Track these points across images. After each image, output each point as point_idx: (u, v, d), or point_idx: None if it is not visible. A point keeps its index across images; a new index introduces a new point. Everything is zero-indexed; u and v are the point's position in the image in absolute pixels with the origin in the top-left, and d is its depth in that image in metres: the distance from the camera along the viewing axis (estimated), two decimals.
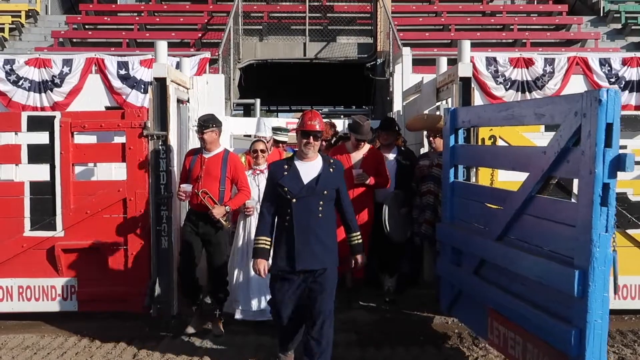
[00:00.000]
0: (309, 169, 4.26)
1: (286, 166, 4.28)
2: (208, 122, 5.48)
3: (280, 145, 6.84)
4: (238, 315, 5.68)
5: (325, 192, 4.21)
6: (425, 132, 6.66)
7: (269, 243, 4.32)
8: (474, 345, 5.20)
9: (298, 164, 4.29)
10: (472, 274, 4.82)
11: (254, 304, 5.65)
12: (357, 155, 6.31)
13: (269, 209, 4.33)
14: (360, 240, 4.43)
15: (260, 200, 5.51)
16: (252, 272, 5.27)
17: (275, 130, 6.70)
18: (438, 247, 5.83)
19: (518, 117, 4.39)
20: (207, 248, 5.56)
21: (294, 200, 4.16)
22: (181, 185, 5.49)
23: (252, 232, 5.45)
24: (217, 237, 5.53)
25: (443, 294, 5.49)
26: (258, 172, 5.88)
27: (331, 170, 4.29)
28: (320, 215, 4.19)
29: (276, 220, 4.34)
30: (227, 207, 5.48)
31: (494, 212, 4.65)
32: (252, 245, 5.57)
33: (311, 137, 4.25)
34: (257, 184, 5.78)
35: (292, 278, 4.21)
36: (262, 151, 5.91)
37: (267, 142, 6.19)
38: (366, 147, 6.35)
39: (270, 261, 4.38)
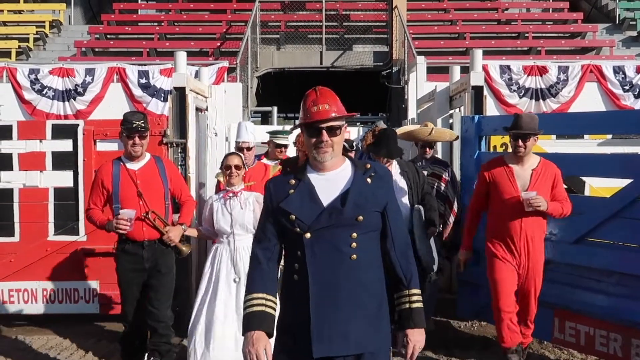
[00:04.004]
0: (331, 182, 2.55)
1: (292, 181, 2.57)
2: (147, 123, 4.42)
3: (283, 149, 6.22)
4: None
5: (360, 217, 2.47)
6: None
7: (270, 303, 2.55)
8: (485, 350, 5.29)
9: (312, 176, 2.57)
10: None
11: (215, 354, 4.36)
12: (523, 171, 4.57)
13: (266, 249, 2.60)
14: (420, 305, 2.59)
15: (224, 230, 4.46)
16: (218, 314, 4.35)
17: (273, 134, 6.22)
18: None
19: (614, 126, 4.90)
20: (152, 282, 4.46)
21: (308, 234, 2.47)
22: (122, 211, 4.27)
23: (224, 265, 4.48)
24: (167, 266, 4.51)
25: (466, 300, 5.68)
26: (231, 194, 4.55)
27: (368, 180, 2.56)
28: (353, 256, 2.46)
29: (280, 267, 2.67)
30: (183, 225, 4.55)
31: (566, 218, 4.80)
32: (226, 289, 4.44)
33: (324, 133, 2.49)
34: (229, 211, 4.51)
35: None
36: (238, 167, 4.55)
37: (251, 148, 5.43)
38: (535, 159, 4.63)
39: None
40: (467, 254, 5.08)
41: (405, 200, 4.87)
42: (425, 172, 5.50)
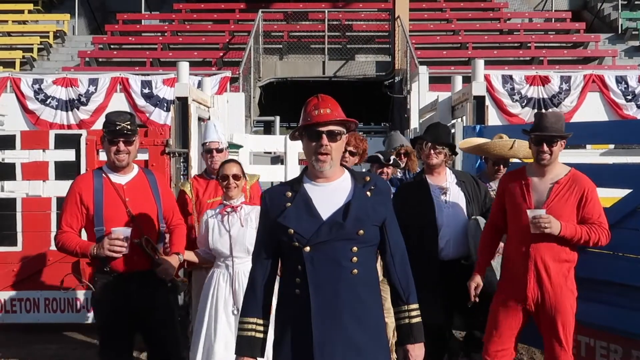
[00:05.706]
0: (330, 194, 2.51)
1: (289, 193, 2.52)
2: (135, 125, 3.59)
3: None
4: None
5: (361, 231, 2.44)
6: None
7: (261, 328, 2.55)
8: None
9: (309, 187, 2.52)
10: None
11: None
12: (542, 183, 3.71)
13: (263, 267, 2.57)
14: (419, 319, 2.58)
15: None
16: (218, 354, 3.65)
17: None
18: None
19: (616, 135, 4.88)
20: (153, 327, 3.60)
21: (307, 248, 2.43)
22: (115, 230, 3.41)
23: (221, 294, 3.77)
24: (169, 304, 3.69)
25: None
26: (229, 209, 3.86)
27: (368, 193, 2.52)
28: (354, 271, 2.43)
29: (278, 285, 2.63)
30: (179, 255, 3.72)
31: None
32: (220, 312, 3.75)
33: (324, 137, 2.45)
34: (227, 229, 3.78)
35: None
36: (236, 177, 3.85)
37: (221, 151, 4.49)
38: (562, 169, 3.74)
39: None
40: (478, 280, 3.94)
41: (463, 211, 4.30)
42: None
